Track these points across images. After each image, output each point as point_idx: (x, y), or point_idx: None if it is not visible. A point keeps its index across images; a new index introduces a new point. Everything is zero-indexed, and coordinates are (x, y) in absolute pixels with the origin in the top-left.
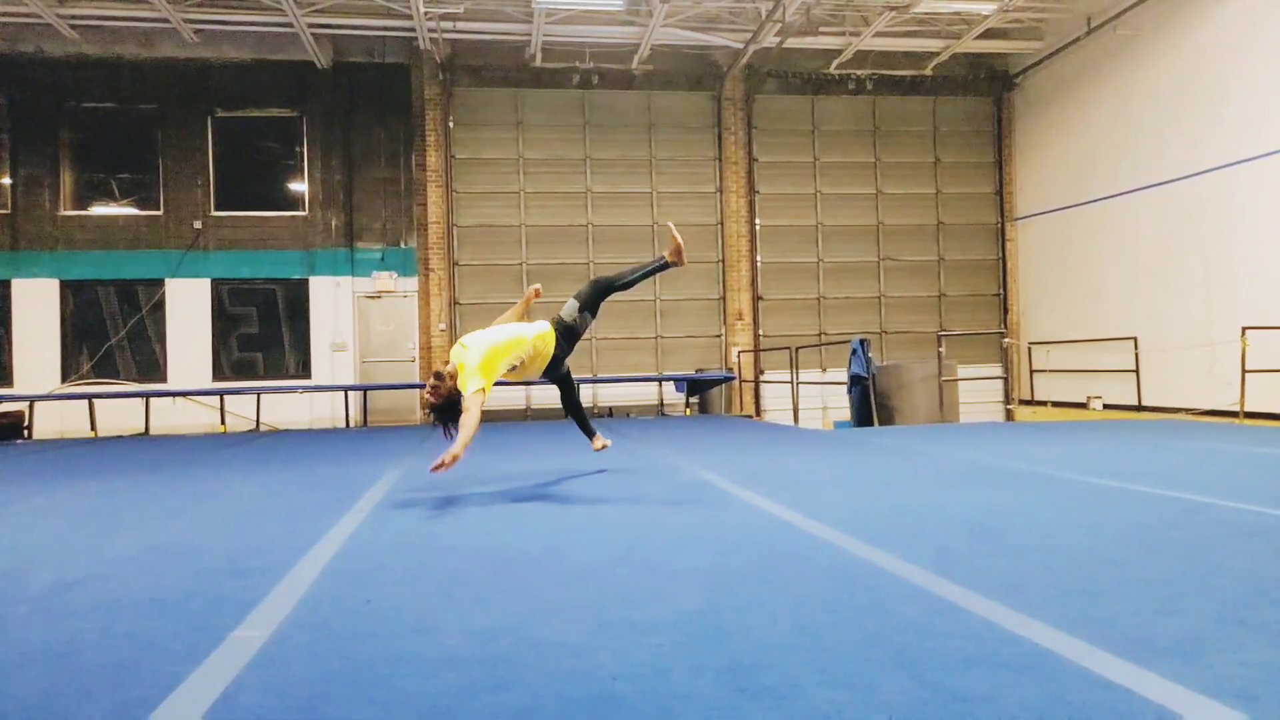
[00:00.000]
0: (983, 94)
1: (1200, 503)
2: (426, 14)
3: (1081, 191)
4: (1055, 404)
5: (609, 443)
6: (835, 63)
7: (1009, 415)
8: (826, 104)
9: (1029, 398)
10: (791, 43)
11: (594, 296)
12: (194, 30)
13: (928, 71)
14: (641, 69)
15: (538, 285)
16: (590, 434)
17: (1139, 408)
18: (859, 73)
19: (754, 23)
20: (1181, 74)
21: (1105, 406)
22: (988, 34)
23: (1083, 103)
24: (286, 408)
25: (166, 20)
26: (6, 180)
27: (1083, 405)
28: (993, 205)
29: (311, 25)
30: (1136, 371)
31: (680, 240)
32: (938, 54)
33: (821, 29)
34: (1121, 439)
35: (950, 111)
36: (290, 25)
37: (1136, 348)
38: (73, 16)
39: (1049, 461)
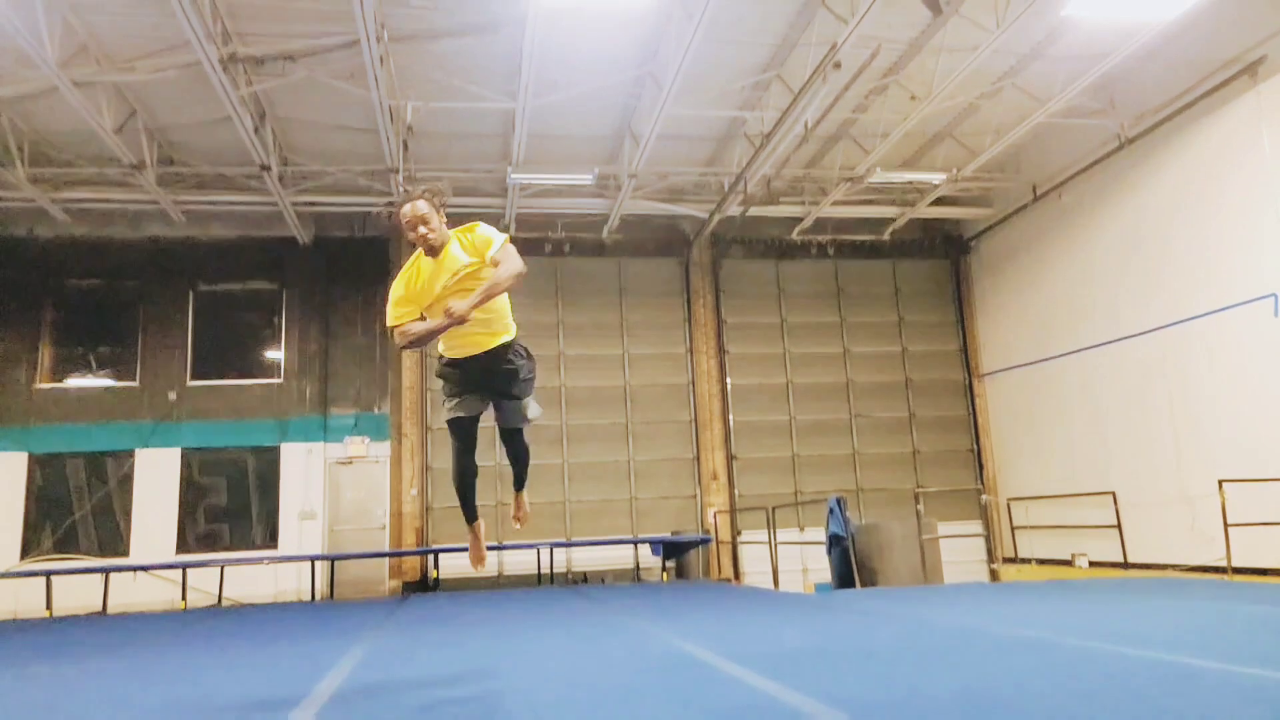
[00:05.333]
0: (940, 256)
1: (1197, 666)
2: (406, 191)
3: (1044, 348)
4: (1040, 561)
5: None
6: (797, 229)
7: (993, 575)
8: (790, 268)
9: (1012, 555)
10: (754, 211)
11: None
12: (182, 211)
13: (886, 237)
14: (611, 237)
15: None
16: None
17: (1125, 564)
18: (820, 238)
19: (718, 194)
20: (1126, 237)
21: (1091, 564)
22: (940, 201)
23: (1036, 264)
24: (251, 580)
25: (156, 202)
26: None
27: (1068, 563)
28: (958, 362)
29: (295, 204)
30: (1119, 527)
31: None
32: (894, 220)
33: (782, 199)
34: (1110, 599)
35: (910, 273)
36: (275, 204)
37: (1116, 503)
38: (67, 200)
39: (1036, 624)
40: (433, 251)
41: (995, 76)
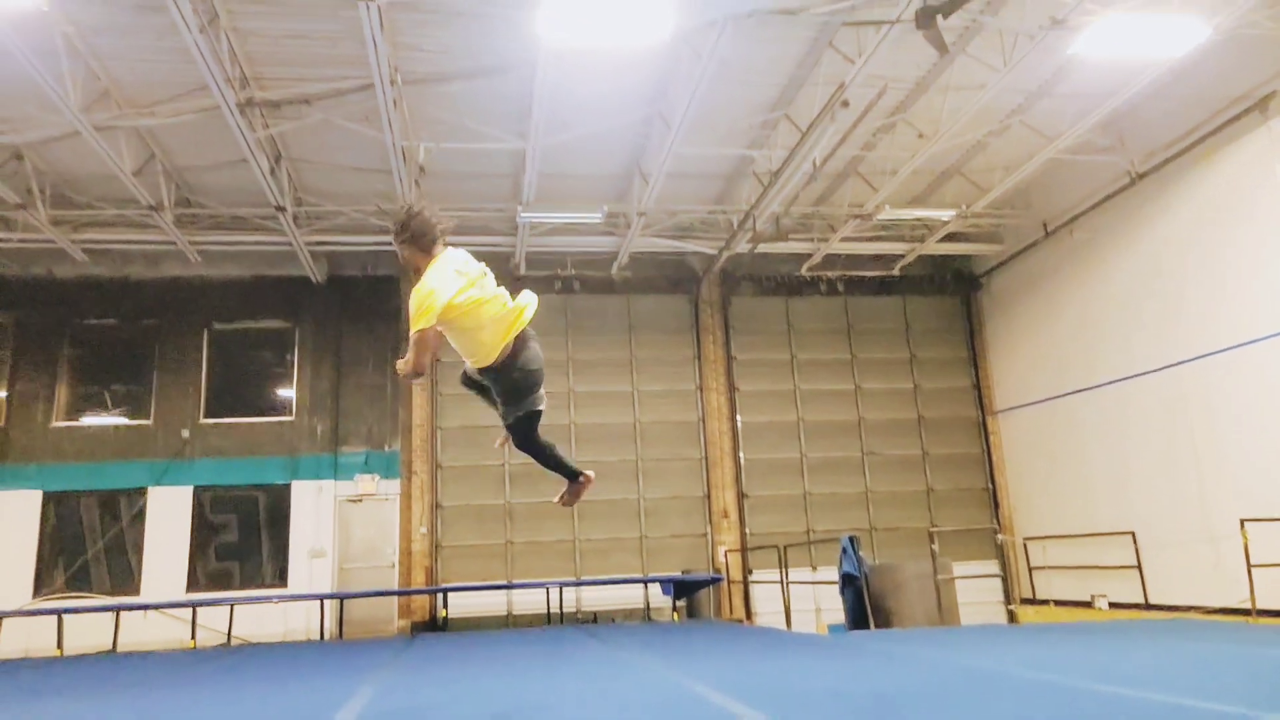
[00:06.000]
0: (950, 293)
1: (1223, 713)
2: None
3: (1059, 384)
4: (1058, 603)
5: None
6: (806, 266)
7: (1011, 616)
8: (800, 304)
9: (1030, 596)
10: (764, 248)
11: (526, 422)
12: (198, 251)
13: (896, 273)
14: (621, 275)
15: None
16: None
17: (1146, 606)
18: (830, 274)
19: (727, 232)
20: (1141, 272)
21: (1111, 605)
22: (950, 238)
23: (1049, 300)
24: (260, 619)
25: (173, 243)
26: (3, 394)
27: (1087, 604)
28: (971, 399)
29: (309, 244)
30: (1139, 568)
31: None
32: (904, 256)
33: (791, 236)
34: (1131, 642)
35: (921, 309)
36: (289, 244)
37: (1136, 543)
38: (86, 241)
39: (1056, 668)
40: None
41: (1003, 114)
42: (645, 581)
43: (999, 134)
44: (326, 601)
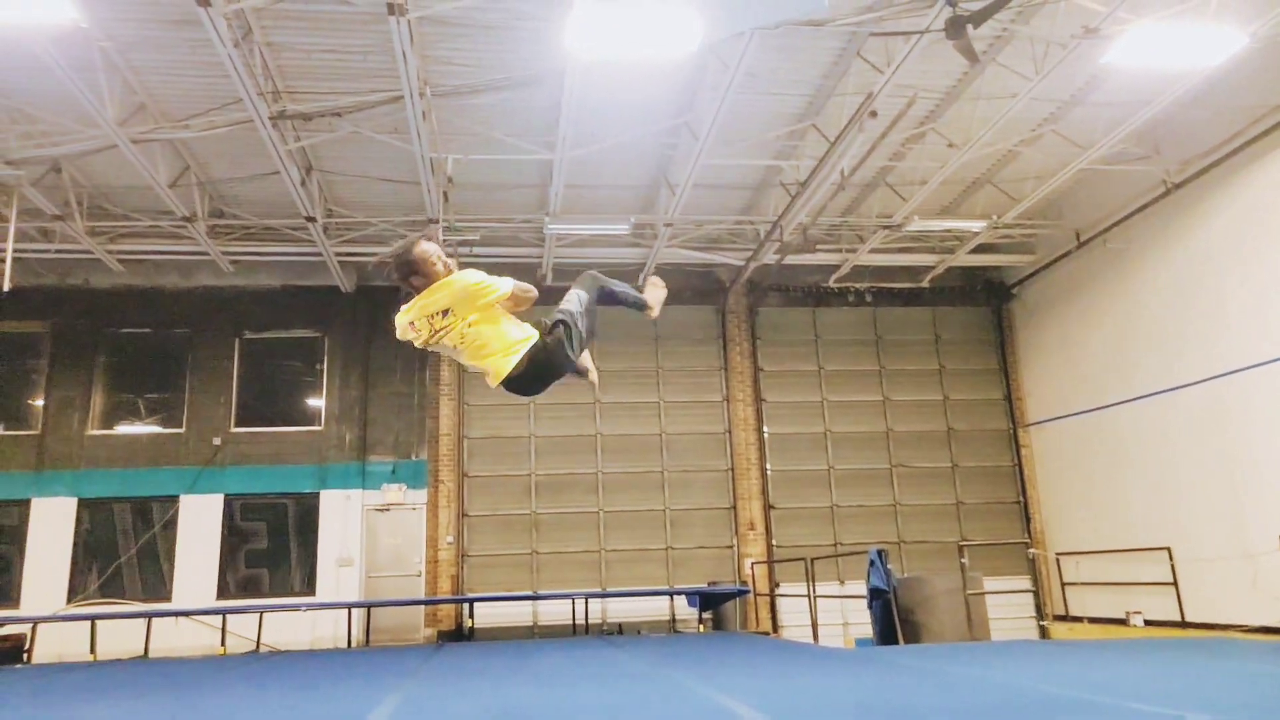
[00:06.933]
0: (981, 304)
1: None
2: (445, 241)
3: (1094, 397)
4: (1092, 620)
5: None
6: (834, 277)
7: (1043, 632)
8: (828, 315)
9: (1063, 613)
10: (791, 259)
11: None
12: (231, 261)
13: (925, 284)
14: None
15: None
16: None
17: (1183, 624)
18: (858, 286)
19: (753, 242)
20: (1177, 283)
21: (1146, 622)
22: (980, 249)
23: (1083, 311)
24: (289, 626)
25: (206, 253)
26: (40, 401)
27: (1122, 621)
28: (1002, 411)
29: (338, 254)
30: (1175, 585)
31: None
32: (933, 267)
33: (818, 247)
34: (1168, 660)
35: (951, 320)
36: (319, 255)
37: (1172, 559)
38: (121, 251)
39: (1088, 685)
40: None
41: (1035, 123)
42: (671, 593)
43: (1030, 143)
44: (354, 609)
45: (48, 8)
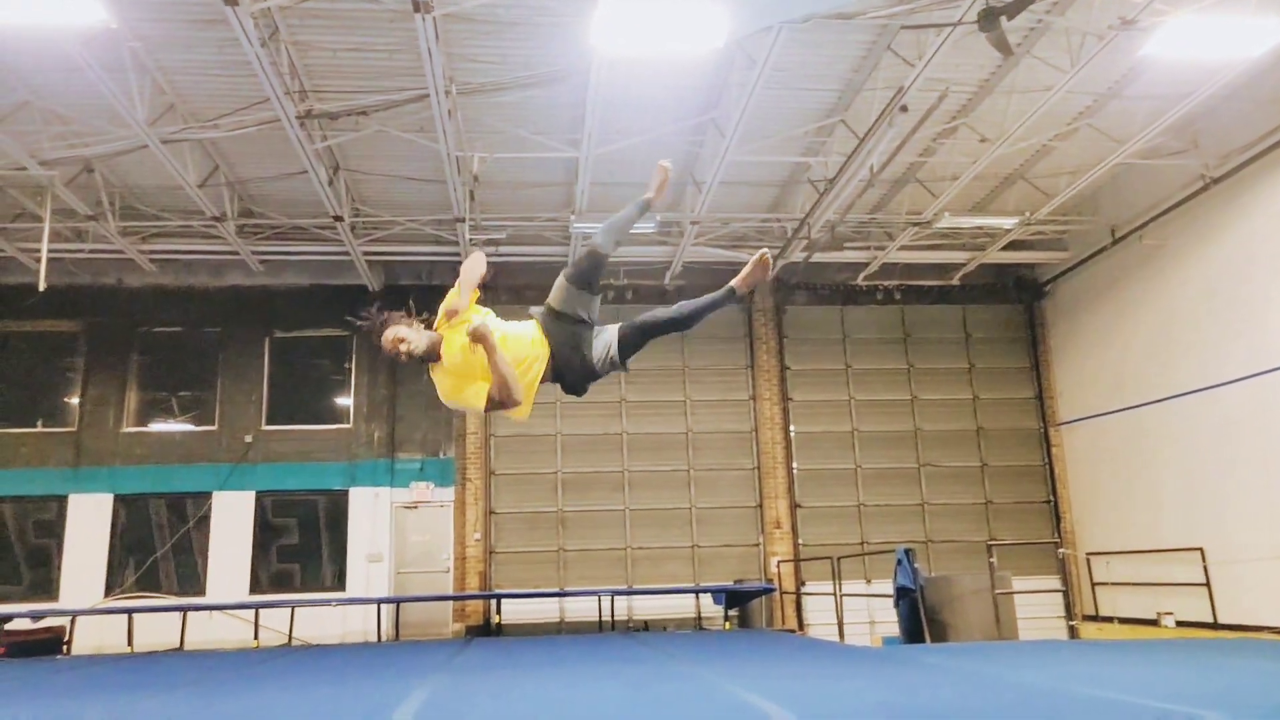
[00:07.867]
0: (1013, 301)
1: None
2: (471, 240)
3: (1127, 396)
4: (1122, 620)
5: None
6: (863, 274)
7: (1073, 632)
8: (856, 313)
9: (1093, 613)
10: (819, 257)
11: (640, 338)
12: (260, 260)
13: (955, 281)
14: (674, 284)
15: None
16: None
17: (1215, 625)
18: (887, 283)
19: (781, 240)
20: (1213, 280)
21: (1178, 623)
22: (1012, 245)
23: (1118, 309)
24: (320, 621)
25: (236, 252)
26: (76, 400)
27: (1153, 622)
28: (1033, 410)
29: (366, 253)
30: (1208, 585)
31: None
32: (964, 265)
33: (846, 244)
34: (1200, 660)
35: (981, 318)
36: (347, 254)
37: (1204, 559)
38: (153, 251)
39: (1119, 686)
40: (430, 356)
41: (1070, 117)
42: (697, 591)
43: (1066, 138)
44: (383, 605)
45: (78, 9)
